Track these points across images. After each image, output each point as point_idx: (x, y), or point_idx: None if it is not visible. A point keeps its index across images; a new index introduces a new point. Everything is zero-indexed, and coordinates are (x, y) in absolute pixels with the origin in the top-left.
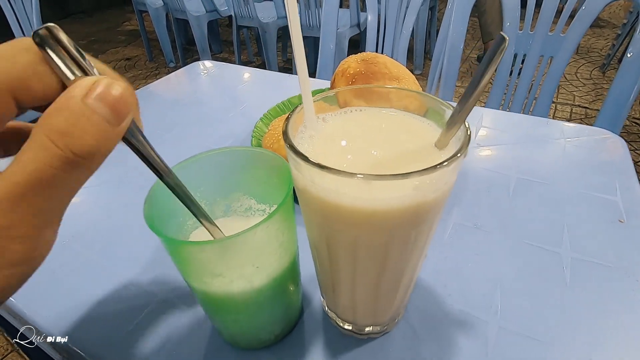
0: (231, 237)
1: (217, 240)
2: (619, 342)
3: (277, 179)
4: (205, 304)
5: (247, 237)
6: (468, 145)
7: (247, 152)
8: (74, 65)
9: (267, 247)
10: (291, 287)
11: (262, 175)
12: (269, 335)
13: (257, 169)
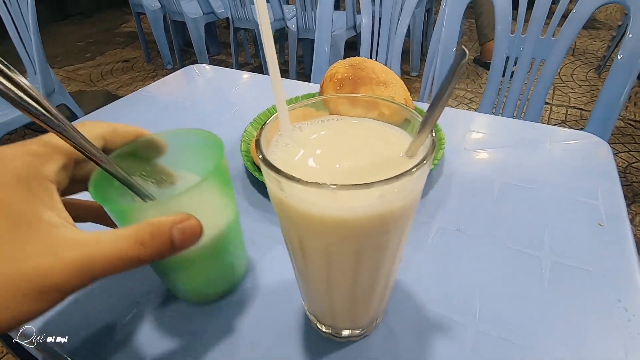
0: (164, 200)
1: (153, 203)
2: (596, 345)
3: (210, 152)
4: (155, 265)
5: (180, 199)
6: (433, 154)
7: (186, 132)
8: None
9: (201, 209)
10: (233, 246)
11: (200, 152)
12: (216, 290)
13: (195, 147)
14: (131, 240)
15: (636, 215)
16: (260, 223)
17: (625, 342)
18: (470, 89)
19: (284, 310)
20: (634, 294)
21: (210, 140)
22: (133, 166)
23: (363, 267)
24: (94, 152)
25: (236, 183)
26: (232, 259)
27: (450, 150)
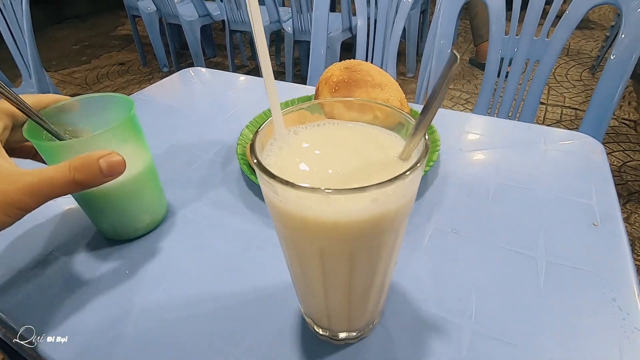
0: (81, 139)
1: (71, 141)
2: (591, 344)
3: (124, 112)
4: (84, 204)
5: (93, 140)
6: (426, 157)
7: (102, 97)
8: None
9: (117, 149)
10: (150, 185)
11: (116, 113)
12: (141, 224)
13: (111, 109)
14: (66, 168)
15: (632, 214)
16: (256, 226)
17: (620, 341)
18: (466, 90)
19: (281, 313)
20: (628, 293)
21: (123, 101)
22: (58, 125)
23: (358, 270)
24: (29, 108)
25: (232, 186)
26: (149, 199)
27: (445, 151)
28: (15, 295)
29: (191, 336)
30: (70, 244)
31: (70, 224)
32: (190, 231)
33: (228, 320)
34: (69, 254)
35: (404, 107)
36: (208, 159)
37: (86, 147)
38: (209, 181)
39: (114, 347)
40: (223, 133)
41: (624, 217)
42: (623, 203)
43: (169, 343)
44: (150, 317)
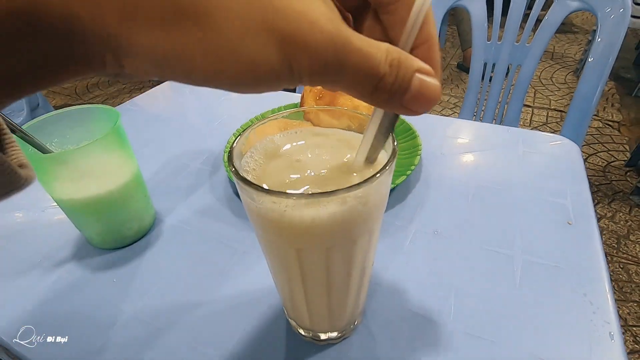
0: (65, 151)
1: (56, 153)
2: (563, 337)
3: (109, 123)
4: (72, 213)
5: (80, 150)
6: (394, 161)
7: (88, 109)
8: None
9: (103, 160)
10: (137, 194)
11: (103, 123)
12: (128, 232)
13: (97, 120)
14: (383, 52)
15: (616, 212)
16: (242, 231)
17: (590, 333)
18: (454, 94)
19: (265, 316)
20: (598, 288)
21: (109, 113)
22: (44, 138)
23: (335, 270)
24: (11, 122)
25: (219, 193)
26: (136, 207)
27: (427, 155)
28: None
29: (178, 341)
30: (57, 253)
31: (58, 233)
32: (178, 239)
33: (214, 324)
34: (57, 263)
35: None
36: (196, 167)
37: (71, 158)
38: (196, 189)
39: (102, 355)
40: (211, 141)
41: (609, 215)
42: (608, 202)
43: (156, 349)
44: (137, 324)
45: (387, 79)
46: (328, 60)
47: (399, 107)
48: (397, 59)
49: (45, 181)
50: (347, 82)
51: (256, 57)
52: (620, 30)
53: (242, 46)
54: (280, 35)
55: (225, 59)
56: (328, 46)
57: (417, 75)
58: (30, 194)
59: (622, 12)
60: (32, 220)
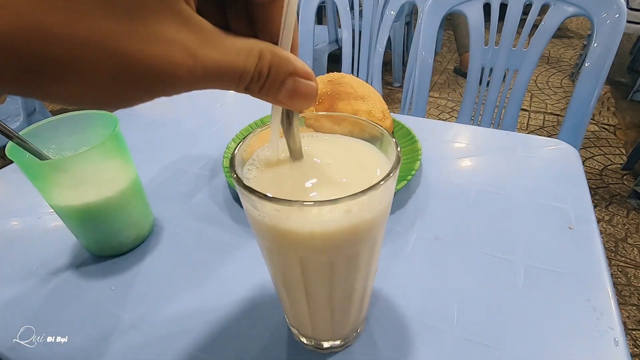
0: (63, 158)
1: (53, 160)
2: (567, 343)
3: (108, 129)
4: (69, 220)
5: (78, 157)
6: (398, 168)
7: (86, 115)
8: None
9: (101, 166)
10: (135, 200)
11: (101, 129)
12: (127, 239)
13: (95, 126)
14: (255, 58)
15: (614, 216)
16: (242, 238)
17: (593, 340)
18: (452, 98)
19: (266, 324)
20: (602, 293)
21: (107, 118)
22: (41, 144)
23: (338, 279)
24: (8, 129)
25: (218, 198)
26: (134, 214)
27: (427, 160)
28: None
29: (177, 350)
30: (54, 260)
31: (55, 240)
32: (177, 245)
33: (214, 332)
34: (54, 270)
35: (386, 118)
36: (194, 172)
37: (69, 165)
38: (195, 195)
39: None
40: (210, 147)
41: (607, 219)
42: (605, 206)
43: (155, 357)
44: (136, 332)
45: (254, 85)
46: (188, 88)
47: (276, 103)
48: (268, 64)
49: (42, 188)
50: (219, 88)
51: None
52: (616, 35)
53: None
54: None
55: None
56: (183, 82)
57: (292, 78)
58: (26, 200)
59: (618, 17)
60: (29, 227)
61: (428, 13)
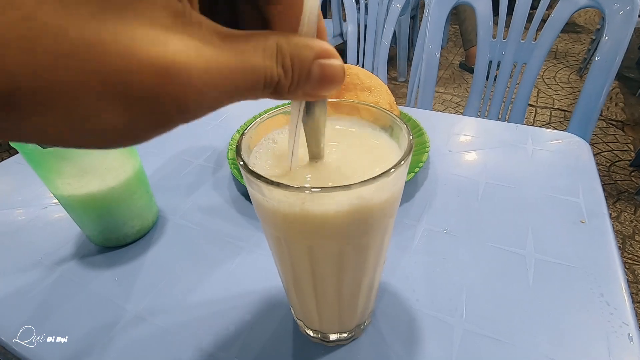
0: None
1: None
2: (580, 339)
3: None
4: (73, 210)
5: None
6: (410, 155)
7: None
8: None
9: (105, 156)
10: (140, 191)
11: None
12: (131, 230)
13: None
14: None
15: (621, 212)
16: (247, 230)
17: (608, 335)
18: (457, 93)
19: (272, 317)
20: (615, 288)
21: None
22: None
23: (347, 269)
24: None
25: (223, 190)
26: (138, 205)
27: (435, 153)
28: (1, 303)
29: (182, 341)
30: (59, 251)
31: (59, 231)
32: (181, 237)
33: (219, 324)
34: (58, 261)
35: (393, 110)
36: (199, 164)
37: (73, 154)
38: (199, 186)
39: (105, 353)
40: (214, 139)
41: (614, 216)
42: (613, 202)
43: (160, 349)
44: (141, 323)
45: (283, 82)
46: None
47: (304, 97)
48: (289, 56)
49: (46, 177)
50: (241, 99)
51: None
52: (628, 28)
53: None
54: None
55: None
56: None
57: (316, 62)
58: (30, 191)
59: (630, 10)
60: (33, 218)
61: (435, 6)
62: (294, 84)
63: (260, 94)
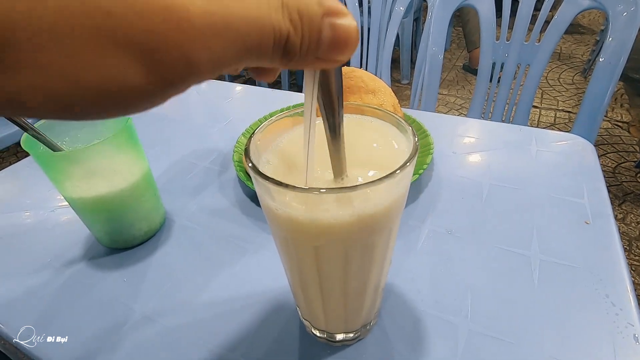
0: (77, 149)
1: (67, 151)
2: (586, 340)
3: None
4: (82, 212)
5: (91, 148)
6: (416, 156)
7: None
8: None
9: (114, 158)
10: (147, 193)
11: (114, 122)
12: (138, 232)
13: (108, 120)
14: (275, 8)
15: (627, 214)
16: (252, 231)
17: (613, 336)
18: (460, 95)
19: (278, 317)
20: (621, 289)
21: None
22: (55, 136)
23: (353, 270)
24: (24, 121)
25: (229, 192)
26: (146, 207)
27: (439, 154)
28: (12, 305)
29: (189, 342)
30: (68, 252)
31: (68, 233)
32: (188, 238)
33: (226, 325)
34: (67, 262)
35: (397, 112)
36: (205, 167)
37: (82, 156)
38: (205, 189)
39: (114, 353)
40: (219, 141)
41: (620, 217)
42: (619, 204)
43: (168, 349)
44: (148, 323)
45: (293, 39)
46: (209, 52)
47: (317, 63)
48: (296, 10)
49: (56, 179)
50: (246, 62)
51: (112, 83)
52: (632, 29)
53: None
54: (133, 50)
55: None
56: (199, 38)
57: (326, 21)
58: (39, 194)
59: (634, 11)
60: (42, 220)
61: (438, 8)
62: (304, 44)
63: (271, 56)
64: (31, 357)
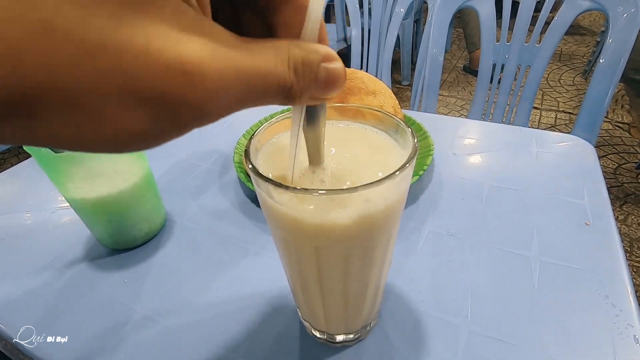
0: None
1: (68, 154)
2: (586, 341)
3: None
4: (84, 213)
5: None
6: (415, 157)
7: None
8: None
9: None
10: (148, 194)
11: None
12: (139, 233)
13: None
14: (285, 63)
15: (628, 215)
16: (253, 232)
17: (613, 337)
18: (461, 97)
19: (278, 318)
20: (620, 290)
21: None
22: None
23: (353, 270)
24: None
25: (229, 193)
26: (147, 208)
27: (439, 156)
28: (12, 305)
29: (190, 342)
30: (69, 253)
31: (69, 234)
32: (188, 239)
33: (227, 326)
34: (68, 263)
35: (397, 114)
36: (205, 168)
37: (84, 158)
38: (206, 190)
39: (114, 354)
40: (220, 142)
41: (621, 218)
42: (620, 205)
43: (169, 349)
44: (149, 324)
45: (296, 87)
46: (217, 104)
47: (309, 101)
48: (300, 61)
49: (57, 181)
50: (249, 106)
51: (120, 132)
52: (632, 31)
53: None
54: (151, 106)
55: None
56: (212, 94)
57: (322, 66)
58: (41, 195)
59: (634, 12)
60: (43, 221)
61: (439, 9)
62: (305, 89)
63: (270, 99)
64: (31, 357)
